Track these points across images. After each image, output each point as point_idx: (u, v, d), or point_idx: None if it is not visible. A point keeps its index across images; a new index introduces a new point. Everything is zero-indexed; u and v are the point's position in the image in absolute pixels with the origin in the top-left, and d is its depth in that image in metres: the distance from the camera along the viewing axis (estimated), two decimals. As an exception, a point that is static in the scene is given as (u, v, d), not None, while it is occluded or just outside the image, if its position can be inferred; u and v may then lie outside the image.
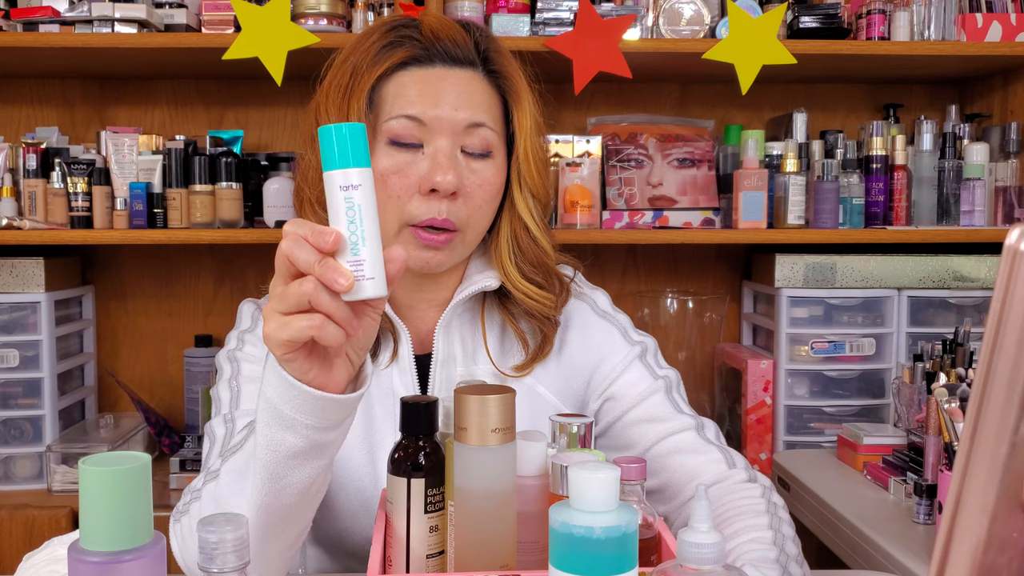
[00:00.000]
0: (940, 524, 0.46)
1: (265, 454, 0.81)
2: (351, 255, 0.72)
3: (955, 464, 0.45)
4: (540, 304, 1.08)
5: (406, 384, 1.08)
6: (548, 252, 1.10)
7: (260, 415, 0.81)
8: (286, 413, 0.78)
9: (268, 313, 0.74)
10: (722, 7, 1.91)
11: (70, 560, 0.56)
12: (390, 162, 1.01)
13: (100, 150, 1.93)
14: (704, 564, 0.61)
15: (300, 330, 0.72)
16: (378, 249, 0.73)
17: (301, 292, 0.71)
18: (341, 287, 0.70)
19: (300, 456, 0.81)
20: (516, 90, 1.06)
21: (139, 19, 1.78)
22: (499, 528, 0.77)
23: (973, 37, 1.92)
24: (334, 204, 0.72)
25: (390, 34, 1.04)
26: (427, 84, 1.01)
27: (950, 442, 1.28)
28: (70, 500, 1.79)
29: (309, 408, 0.77)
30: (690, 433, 1.07)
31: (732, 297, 2.22)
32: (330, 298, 0.71)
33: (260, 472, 0.82)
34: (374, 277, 0.72)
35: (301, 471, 0.82)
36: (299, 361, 0.75)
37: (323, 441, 0.80)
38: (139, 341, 2.16)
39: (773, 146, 2.01)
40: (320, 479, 0.86)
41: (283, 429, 0.79)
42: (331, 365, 0.77)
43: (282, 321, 0.73)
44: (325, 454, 0.83)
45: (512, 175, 1.07)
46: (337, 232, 0.71)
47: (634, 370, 1.11)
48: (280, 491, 0.83)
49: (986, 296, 1.98)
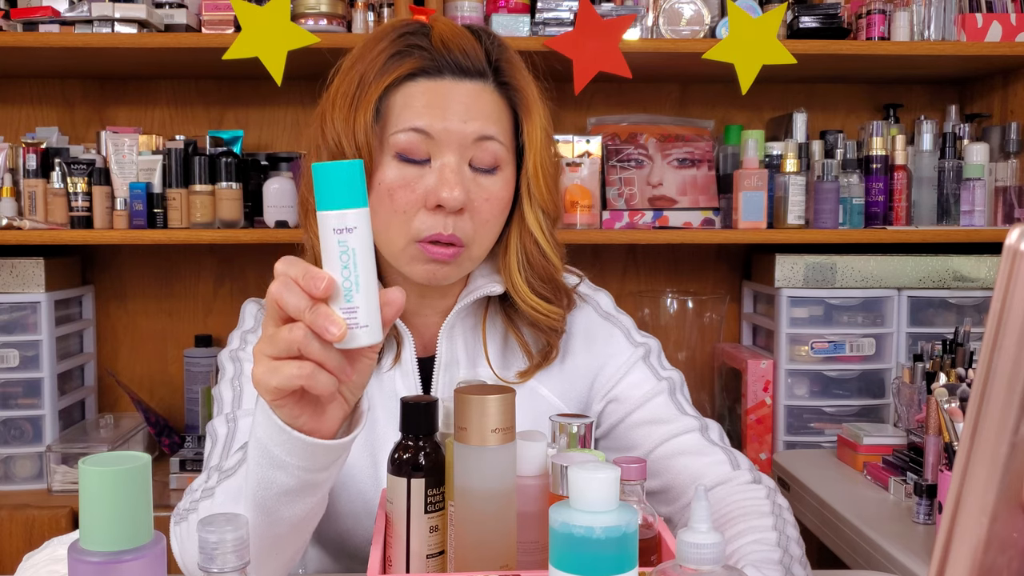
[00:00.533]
0: (940, 524, 0.46)
1: (256, 490, 0.80)
2: (344, 302, 0.68)
3: (955, 464, 0.45)
4: (547, 318, 1.07)
5: (408, 387, 1.07)
6: (558, 267, 1.08)
7: (251, 452, 0.79)
8: (276, 455, 0.76)
9: (257, 355, 0.72)
10: (722, 7, 1.91)
11: (70, 560, 0.56)
12: (396, 175, 0.99)
13: (100, 150, 1.93)
14: (703, 564, 0.61)
15: (289, 378, 0.69)
16: (373, 294, 0.70)
17: (291, 339, 0.68)
18: (332, 336, 0.67)
19: (292, 494, 0.80)
20: (527, 102, 1.04)
21: (139, 19, 1.78)
22: (499, 528, 0.77)
23: (973, 37, 1.92)
24: (328, 248, 0.69)
25: (399, 42, 1.01)
26: (435, 96, 0.99)
27: (950, 442, 1.28)
28: (70, 500, 1.79)
29: (299, 452, 0.76)
30: (694, 435, 1.06)
31: (732, 297, 2.22)
32: (321, 346, 0.68)
33: (252, 507, 0.82)
34: (368, 325, 0.69)
35: (294, 507, 0.81)
36: (289, 407, 0.73)
37: (315, 481, 0.79)
38: (139, 341, 2.16)
39: (773, 146, 2.01)
40: (314, 511, 0.85)
41: (274, 468, 0.78)
42: (323, 410, 0.76)
43: (271, 366, 0.70)
44: (318, 491, 0.82)
45: (522, 189, 1.05)
46: (329, 277, 0.68)
47: (637, 372, 1.10)
48: (272, 524, 0.82)
49: (986, 296, 1.98)
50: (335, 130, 0.99)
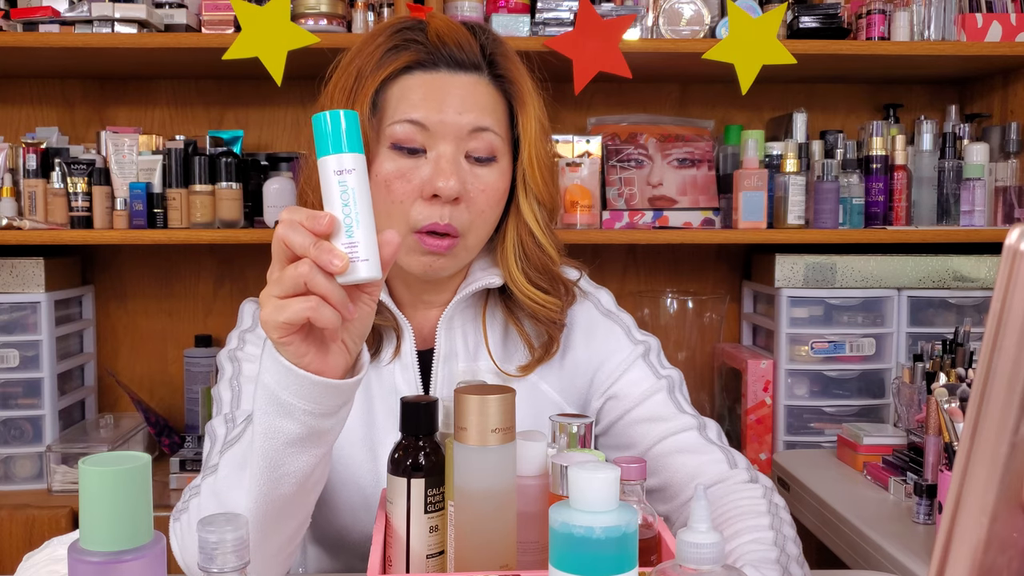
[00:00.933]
0: (940, 524, 0.46)
1: (263, 442, 0.81)
2: (346, 237, 0.72)
3: (955, 464, 0.45)
4: (546, 309, 1.08)
5: (408, 380, 1.08)
6: (554, 258, 1.09)
7: (258, 403, 0.81)
8: (284, 399, 0.78)
9: (265, 298, 0.75)
10: (722, 7, 1.91)
11: (70, 560, 0.56)
12: (393, 166, 1.00)
13: (100, 150, 1.93)
14: (703, 564, 0.61)
15: (296, 312, 0.73)
16: (372, 232, 0.73)
17: (297, 274, 0.72)
18: (336, 268, 0.71)
19: (298, 443, 0.81)
20: (522, 94, 1.05)
21: (139, 19, 1.78)
22: (499, 528, 0.77)
23: (973, 37, 1.92)
24: (328, 189, 0.73)
25: (395, 37, 1.03)
26: (431, 88, 1.01)
27: (950, 442, 1.28)
28: (70, 500, 1.79)
29: (307, 393, 0.78)
30: (692, 433, 1.07)
31: (732, 297, 2.22)
32: (326, 280, 0.72)
33: (258, 461, 0.83)
34: (368, 259, 0.73)
35: (299, 459, 0.82)
36: (295, 345, 0.76)
37: (321, 428, 0.80)
38: (139, 341, 2.16)
39: (773, 146, 2.01)
40: (319, 469, 0.86)
41: (281, 416, 0.79)
42: (327, 350, 0.78)
43: (278, 304, 0.74)
44: (323, 441, 0.83)
45: (517, 181, 1.07)
46: (331, 215, 0.72)
47: (637, 369, 1.11)
48: (278, 480, 0.83)
49: (986, 296, 1.98)
50: None
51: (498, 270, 1.09)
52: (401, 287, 1.10)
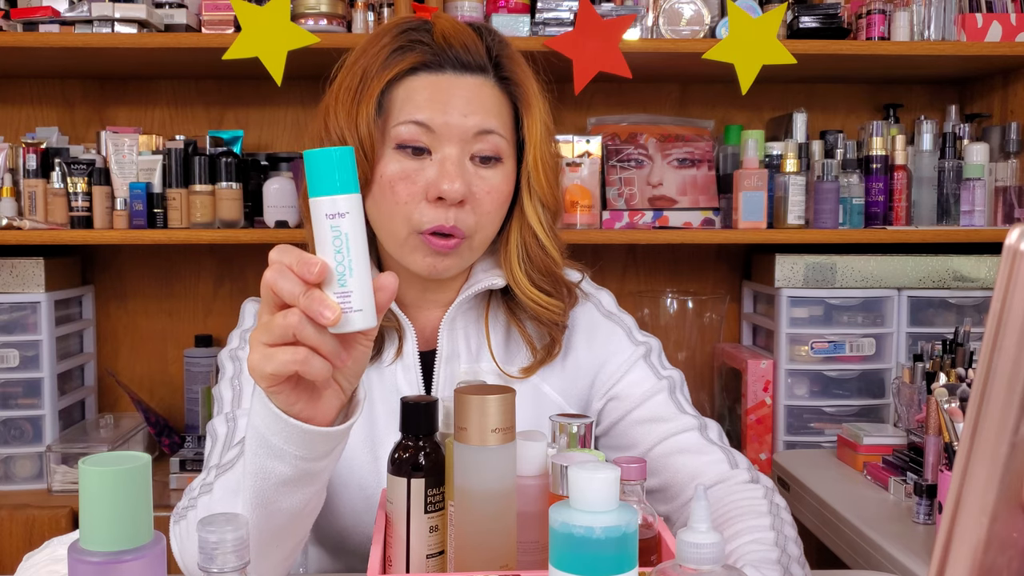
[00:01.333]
0: (940, 524, 0.46)
1: (254, 482, 0.80)
2: (338, 286, 0.69)
3: (955, 464, 0.45)
4: (548, 311, 1.08)
5: (410, 381, 1.08)
6: (557, 261, 1.09)
7: (249, 443, 0.80)
8: (274, 443, 0.77)
9: (253, 342, 0.72)
10: (722, 7, 1.91)
11: (70, 560, 0.56)
12: (398, 168, 1.00)
13: (100, 150, 1.93)
14: (703, 564, 0.61)
15: (283, 364, 0.70)
16: (367, 278, 0.70)
17: (286, 324, 0.69)
18: (327, 320, 0.68)
19: (290, 484, 0.80)
20: (527, 97, 1.05)
21: (139, 19, 1.78)
22: (499, 528, 0.77)
23: (973, 37, 1.92)
24: (320, 233, 0.69)
25: (401, 38, 1.02)
26: (437, 90, 1.00)
27: (950, 442, 1.28)
28: (70, 500, 1.79)
29: (297, 440, 0.76)
30: (693, 433, 1.07)
31: (732, 297, 2.22)
32: (315, 331, 0.69)
33: (250, 498, 0.82)
34: (362, 309, 0.70)
35: (292, 498, 0.82)
36: (285, 393, 0.74)
37: (313, 470, 0.79)
38: (139, 341, 2.16)
39: (773, 146, 2.01)
40: (314, 501, 0.85)
41: (272, 458, 0.78)
42: (319, 397, 0.76)
43: (266, 353, 0.71)
44: (316, 481, 0.82)
45: (522, 183, 1.06)
46: (323, 262, 0.69)
47: (638, 370, 1.11)
48: (271, 515, 0.83)
49: (986, 296, 1.98)
50: (338, 124, 1.01)
51: (500, 271, 1.08)
52: (404, 287, 1.09)
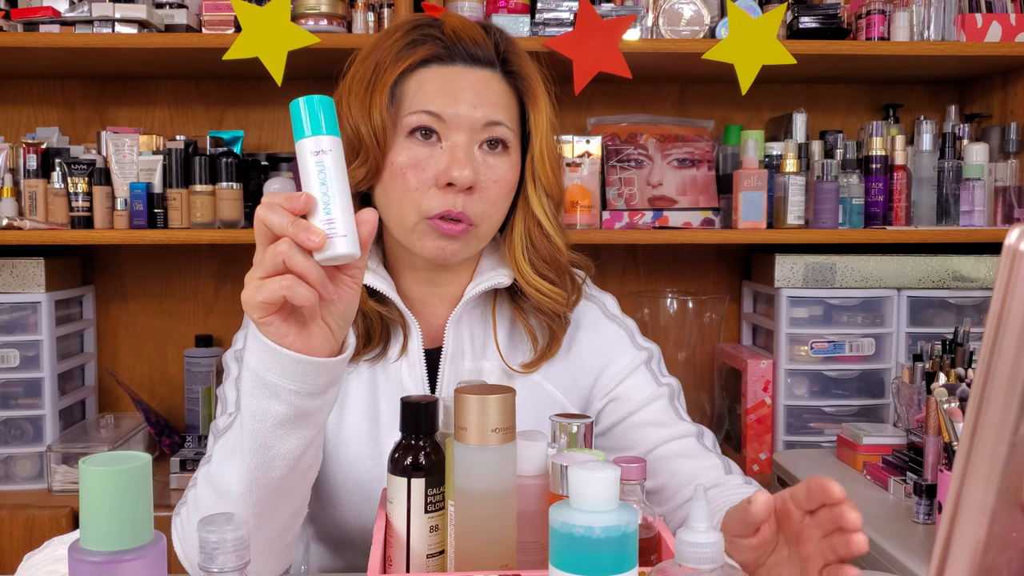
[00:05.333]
0: (940, 524, 0.46)
1: (252, 424, 0.82)
2: (323, 215, 0.73)
3: (955, 464, 0.45)
4: (552, 301, 1.09)
5: (415, 378, 1.09)
6: (561, 249, 1.11)
7: (245, 386, 0.82)
8: (269, 379, 0.79)
9: (247, 279, 0.77)
10: (722, 7, 1.91)
11: (70, 560, 0.56)
12: (408, 156, 1.02)
13: (100, 150, 1.93)
14: (703, 564, 0.61)
15: (272, 291, 0.74)
16: (349, 209, 0.74)
17: (276, 253, 0.73)
18: (313, 243, 0.72)
19: (286, 424, 0.82)
20: (533, 91, 1.08)
21: (139, 19, 1.78)
22: (499, 528, 0.77)
23: (973, 37, 1.92)
24: (305, 169, 0.74)
25: (413, 32, 1.05)
26: (447, 82, 1.03)
27: (950, 442, 1.28)
28: (70, 500, 1.79)
29: (290, 372, 0.78)
30: (691, 440, 1.10)
31: (732, 297, 2.22)
32: (304, 258, 0.73)
33: (247, 444, 0.83)
34: (346, 235, 0.74)
35: (288, 440, 0.83)
36: (276, 324, 0.77)
37: (308, 408, 0.81)
38: (139, 341, 2.16)
39: (773, 146, 2.01)
40: (309, 452, 0.86)
41: (268, 397, 0.80)
42: (309, 330, 0.79)
43: (257, 284, 0.75)
44: (312, 423, 0.83)
45: (527, 174, 1.09)
46: (308, 194, 0.73)
47: (639, 375, 1.13)
48: (268, 463, 0.84)
49: (986, 296, 1.98)
50: (351, 114, 1.03)
51: (506, 269, 1.10)
52: (410, 284, 1.11)
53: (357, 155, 1.03)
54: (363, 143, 1.02)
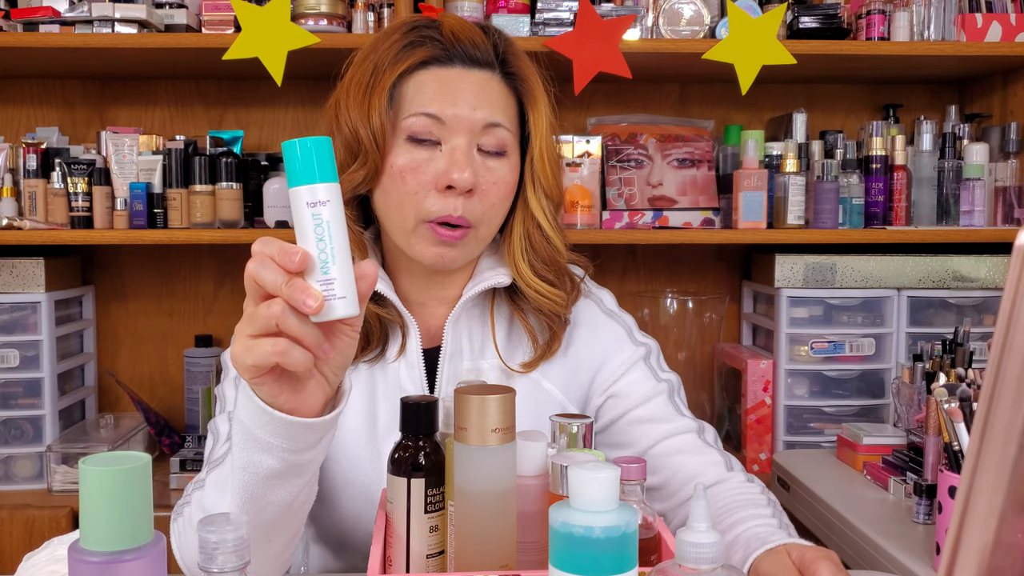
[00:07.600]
0: (948, 525, 0.46)
1: (242, 476, 0.80)
2: (320, 274, 0.69)
3: (964, 465, 0.45)
4: (551, 302, 1.09)
5: (413, 378, 1.08)
6: (560, 250, 1.11)
7: (235, 437, 0.80)
8: (260, 437, 0.77)
9: (238, 334, 0.72)
10: (722, 7, 1.91)
11: (70, 560, 0.56)
12: (408, 158, 1.02)
13: (100, 150, 1.93)
14: (702, 564, 0.61)
15: (264, 355, 0.70)
16: (349, 266, 0.70)
17: (268, 314, 0.69)
18: (309, 308, 0.68)
19: (278, 477, 0.80)
20: (532, 92, 1.08)
21: (139, 19, 1.78)
22: (499, 528, 0.77)
23: (973, 37, 1.92)
24: (301, 222, 0.69)
25: (411, 34, 1.05)
26: (446, 83, 1.02)
27: (950, 442, 1.28)
28: (70, 500, 1.79)
29: (282, 432, 0.76)
30: (691, 435, 1.09)
31: (732, 297, 2.22)
32: (298, 321, 0.69)
33: (239, 492, 0.82)
34: (345, 296, 0.69)
35: (280, 491, 0.82)
36: (268, 385, 0.74)
37: (300, 462, 0.79)
38: (139, 341, 2.16)
39: (773, 146, 2.01)
40: (303, 493, 0.85)
41: (259, 451, 0.78)
42: (303, 388, 0.76)
43: (248, 344, 0.71)
44: (304, 472, 0.82)
45: (526, 175, 1.08)
46: (304, 251, 0.68)
47: (638, 371, 1.12)
48: (260, 509, 0.83)
49: (986, 296, 1.98)
50: (350, 116, 1.02)
51: (505, 268, 1.09)
52: (408, 284, 1.10)
53: (356, 158, 1.02)
54: (362, 146, 1.01)
